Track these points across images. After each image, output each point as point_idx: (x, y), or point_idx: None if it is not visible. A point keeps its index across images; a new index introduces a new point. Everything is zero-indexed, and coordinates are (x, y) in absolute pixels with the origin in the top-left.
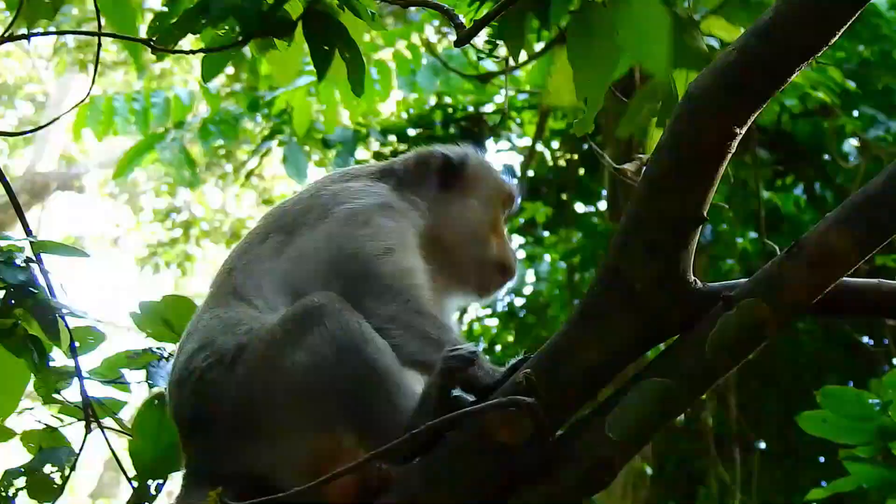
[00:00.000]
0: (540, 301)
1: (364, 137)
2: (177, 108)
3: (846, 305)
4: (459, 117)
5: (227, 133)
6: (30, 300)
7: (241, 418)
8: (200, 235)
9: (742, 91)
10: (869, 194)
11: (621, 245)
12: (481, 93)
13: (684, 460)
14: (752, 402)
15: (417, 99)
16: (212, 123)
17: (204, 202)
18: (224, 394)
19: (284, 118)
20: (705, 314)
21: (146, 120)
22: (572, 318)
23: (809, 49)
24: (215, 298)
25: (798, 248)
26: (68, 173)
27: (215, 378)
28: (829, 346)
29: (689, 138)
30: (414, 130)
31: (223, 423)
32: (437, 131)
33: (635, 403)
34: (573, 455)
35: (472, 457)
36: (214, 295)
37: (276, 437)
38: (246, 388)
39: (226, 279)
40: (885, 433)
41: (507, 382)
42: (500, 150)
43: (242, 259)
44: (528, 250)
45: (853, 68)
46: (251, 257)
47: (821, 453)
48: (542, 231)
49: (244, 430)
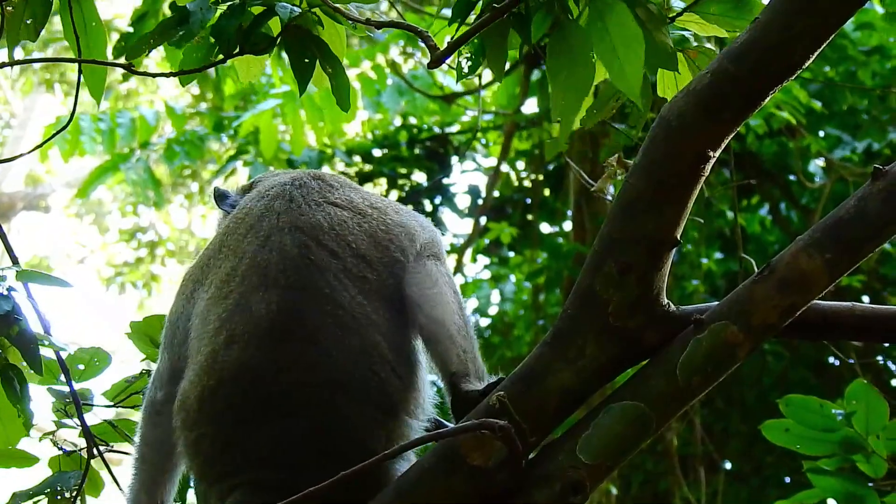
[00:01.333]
0: (505, 321)
1: (329, 158)
2: (142, 129)
3: (818, 328)
4: (425, 137)
5: (193, 153)
6: (14, 328)
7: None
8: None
9: (716, 114)
10: (839, 217)
11: (594, 266)
12: (446, 113)
13: (649, 480)
14: (717, 421)
15: (382, 119)
16: (177, 144)
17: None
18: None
19: (250, 139)
20: (677, 337)
21: (112, 140)
22: (545, 340)
23: (783, 72)
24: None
25: (769, 270)
26: (34, 193)
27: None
28: (795, 366)
29: (663, 161)
30: (379, 151)
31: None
32: (402, 152)
33: (607, 426)
34: (545, 477)
35: (444, 479)
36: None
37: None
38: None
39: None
40: (849, 445)
41: (480, 404)
42: (465, 171)
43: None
44: (493, 270)
45: (819, 88)
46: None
47: (786, 473)
48: (507, 251)
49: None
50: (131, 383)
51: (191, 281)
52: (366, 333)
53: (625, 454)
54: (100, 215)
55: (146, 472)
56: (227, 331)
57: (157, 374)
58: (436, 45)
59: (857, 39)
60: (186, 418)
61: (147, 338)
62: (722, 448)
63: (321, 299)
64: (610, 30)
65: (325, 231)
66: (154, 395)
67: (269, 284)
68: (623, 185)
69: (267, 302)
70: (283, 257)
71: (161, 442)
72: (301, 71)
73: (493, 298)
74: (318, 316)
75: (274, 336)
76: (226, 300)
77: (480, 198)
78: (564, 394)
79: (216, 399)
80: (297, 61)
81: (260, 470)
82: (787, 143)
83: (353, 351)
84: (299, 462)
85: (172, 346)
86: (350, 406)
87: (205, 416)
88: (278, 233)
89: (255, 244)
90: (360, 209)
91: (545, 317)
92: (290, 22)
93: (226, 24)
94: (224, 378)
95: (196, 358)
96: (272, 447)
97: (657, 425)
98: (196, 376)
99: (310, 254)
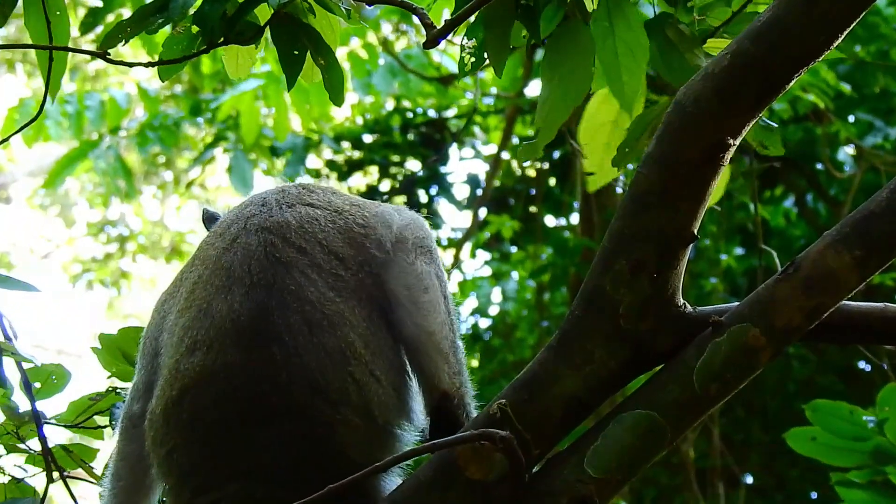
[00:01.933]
0: (507, 322)
1: (316, 144)
2: (112, 112)
3: (846, 332)
4: (419, 122)
5: (167, 139)
6: None
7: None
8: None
9: (736, 99)
10: (870, 210)
11: (604, 264)
12: (443, 96)
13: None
14: (737, 432)
15: (374, 102)
16: (150, 129)
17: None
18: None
19: (230, 123)
20: (694, 340)
21: (80, 124)
22: (550, 344)
23: (809, 53)
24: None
25: (794, 268)
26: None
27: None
28: (822, 371)
29: (678, 150)
30: (370, 136)
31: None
32: (395, 137)
33: (617, 437)
34: (550, 492)
35: (441, 493)
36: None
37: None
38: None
39: None
40: (881, 455)
41: (480, 413)
42: (463, 159)
43: None
44: (493, 267)
45: (848, 70)
46: None
47: (812, 488)
48: (509, 246)
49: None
50: (96, 401)
51: (165, 295)
52: (339, 333)
53: (637, 467)
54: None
55: (122, 491)
56: (190, 338)
57: (133, 386)
58: (432, 23)
59: (891, 16)
60: (155, 435)
61: (119, 352)
62: (742, 461)
63: (287, 296)
64: (616, 32)
65: (293, 229)
66: (130, 407)
67: (234, 284)
68: (635, 176)
69: (230, 303)
70: (247, 256)
71: (138, 458)
72: (290, 63)
73: (494, 297)
74: (285, 314)
75: (240, 338)
76: (190, 309)
77: (480, 188)
78: (571, 402)
79: (181, 409)
80: (286, 53)
81: (238, 483)
82: (813, 129)
83: (327, 351)
84: (280, 473)
85: (144, 356)
86: (329, 411)
87: (172, 428)
88: (244, 234)
89: (221, 248)
90: (337, 207)
91: (550, 318)
92: (280, 9)
93: (209, 10)
94: (186, 386)
95: (162, 372)
96: (250, 457)
97: (672, 436)
98: (160, 390)
99: (275, 251)
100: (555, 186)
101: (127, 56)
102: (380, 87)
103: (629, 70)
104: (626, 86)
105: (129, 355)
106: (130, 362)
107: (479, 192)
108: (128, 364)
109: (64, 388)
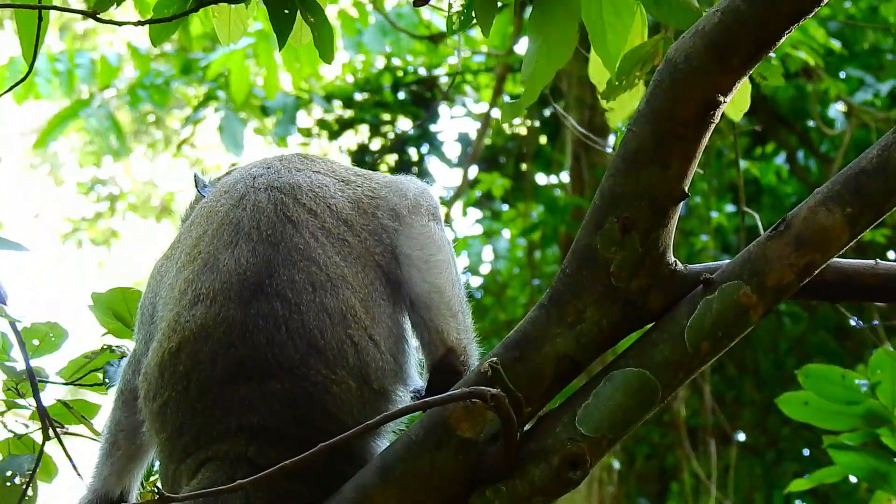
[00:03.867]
0: (498, 281)
1: (306, 103)
2: (103, 71)
3: (838, 289)
4: (410, 81)
5: (158, 98)
6: None
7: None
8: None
9: (727, 56)
10: (861, 167)
11: (594, 223)
12: (433, 54)
13: (655, 453)
14: (729, 390)
15: (364, 61)
16: (141, 87)
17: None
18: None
19: (220, 82)
20: (685, 298)
21: (70, 82)
22: (541, 303)
23: (800, 9)
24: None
25: (785, 226)
26: None
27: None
28: (814, 329)
29: (669, 107)
30: (361, 95)
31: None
32: (385, 96)
33: (609, 395)
34: (542, 451)
35: (432, 452)
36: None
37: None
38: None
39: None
40: (873, 418)
41: (470, 372)
42: (454, 117)
43: None
44: (484, 226)
45: (839, 26)
46: None
47: (805, 445)
48: (499, 204)
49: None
50: (91, 360)
51: (162, 258)
52: (342, 295)
53: (628, 426)
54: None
55: (118, 459)
56: (193, 291)
57: (132, 356)
58: None
59: None
60: (149, 388)
61: (110, 311)
62: (734, 419)
63: (295, 254)
64: None
65: (304, 191)
66: (130, 377)
67: (241, 239)
68: (625, 134)
69: (237, 257)
70: (257, 212)
71: (135, 428)
72: (281, 23)
73: (485, 256)
74: (291, 271)
75: (244, 292)
76: (193, 262)
77: (470, 146)
78: (562, 360)
79: (177, 362)
80: (276, 12)
81: (231, 441)
82: (804, 86)
83: (328, 311)
84: (273, 431)
85: (143, 325)
86: (325, 371)
87: (166, 381)
88: (254, 192)
89: (229, 204)
90: (344, 177)
91: (541, 276)
92: None
93: None
94: (186, 338)
95: (160, 325)
96: (243, 414)
97: (663, 394)
98: (157, 343)
99: (286, 210)
100: (545, 144)
101: (116, 15)
102: (370, 45)
103: (614, 29)
104: (610, 45)
105: (118, 314)
106: (122, 321)
107: (469, 150)
108: (119, 322)
109: (62, 346)
